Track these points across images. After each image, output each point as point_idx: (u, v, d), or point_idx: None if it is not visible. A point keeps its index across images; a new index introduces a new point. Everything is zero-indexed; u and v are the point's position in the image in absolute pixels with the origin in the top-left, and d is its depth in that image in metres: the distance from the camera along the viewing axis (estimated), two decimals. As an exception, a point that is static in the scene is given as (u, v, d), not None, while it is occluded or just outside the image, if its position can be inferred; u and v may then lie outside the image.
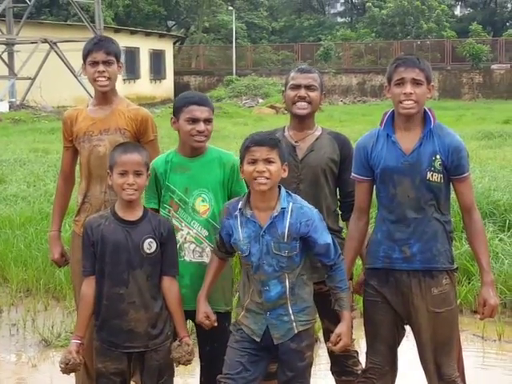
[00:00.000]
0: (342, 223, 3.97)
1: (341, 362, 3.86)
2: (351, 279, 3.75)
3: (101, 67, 3.87)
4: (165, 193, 3.70)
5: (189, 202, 3.66)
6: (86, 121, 3.98)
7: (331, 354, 3.82)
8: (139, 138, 3.94)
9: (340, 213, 3.94)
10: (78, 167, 4.15)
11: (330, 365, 4.00)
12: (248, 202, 3.36)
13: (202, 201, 3.66)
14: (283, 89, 3.97)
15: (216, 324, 3.51)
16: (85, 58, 3.93)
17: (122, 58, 3.98)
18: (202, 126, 3.60)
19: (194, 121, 3.60)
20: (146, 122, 3.97)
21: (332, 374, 4.02)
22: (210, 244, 3.65)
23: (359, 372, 3.91)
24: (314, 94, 3.83)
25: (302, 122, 3.86)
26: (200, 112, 3.61)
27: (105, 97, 3.98)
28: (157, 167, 3.69)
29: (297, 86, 3.82)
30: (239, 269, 4.10)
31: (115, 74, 3.94)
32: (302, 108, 3.81)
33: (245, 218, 3.33)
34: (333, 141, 3.86)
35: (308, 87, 3.82)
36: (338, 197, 3.93)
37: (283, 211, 3.31)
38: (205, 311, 3.49)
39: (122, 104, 4.01)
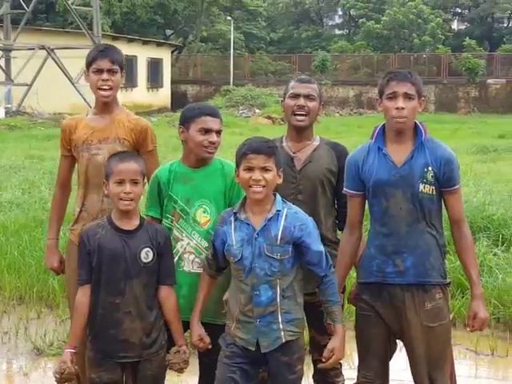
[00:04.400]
0: (339, 235, 3.96)
1: (323, 372, 3.79)
2: (343, 292, 3.75)
3: (105, 75, 3.85)
4: (167, 202, 3.69)
5: (190, 212, 3.65)
6: (85, 129, 3.97)
7: (315, 362, 3.82)
8: (138, 148, 3.93)
9: (337, 222, 3.94)
10: (74, 175, 4.15)
11: (312, 372, 3.97)
12: (243, 206, 3.35)
13: (204, 212, 3.65)
14: (282, 99, 3.96)
15: (210, 346, 3.49)
16: (89, 65, 3.90)
17: (121, 66, 3.98)
18: (214, 137, 3.63)
19: (207, 131, 3.62)
20: (146, 132, 3.96)
21: (314, 381, 4.00)
22: None
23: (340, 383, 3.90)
24: (312, 104, 3.83)
25: (300, 132, 3.86)
26: (213, 123, 3.64)
27: (106, 105, 3.96)
28: (160, 176, 3.70)
29: (296, 96, 3.82)
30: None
31: (118, 83, 3.93)
32: (300, 120, 3.82)
33: (239, 222, 3.31)
34: (331, 151, 3.86)
35: (307, 97, 3.82)
36: (336, 207, 3.93)
37: (278, 214, 3.29)
38: (199, 334, 3.47)
39: (123, 114, 4.00)
